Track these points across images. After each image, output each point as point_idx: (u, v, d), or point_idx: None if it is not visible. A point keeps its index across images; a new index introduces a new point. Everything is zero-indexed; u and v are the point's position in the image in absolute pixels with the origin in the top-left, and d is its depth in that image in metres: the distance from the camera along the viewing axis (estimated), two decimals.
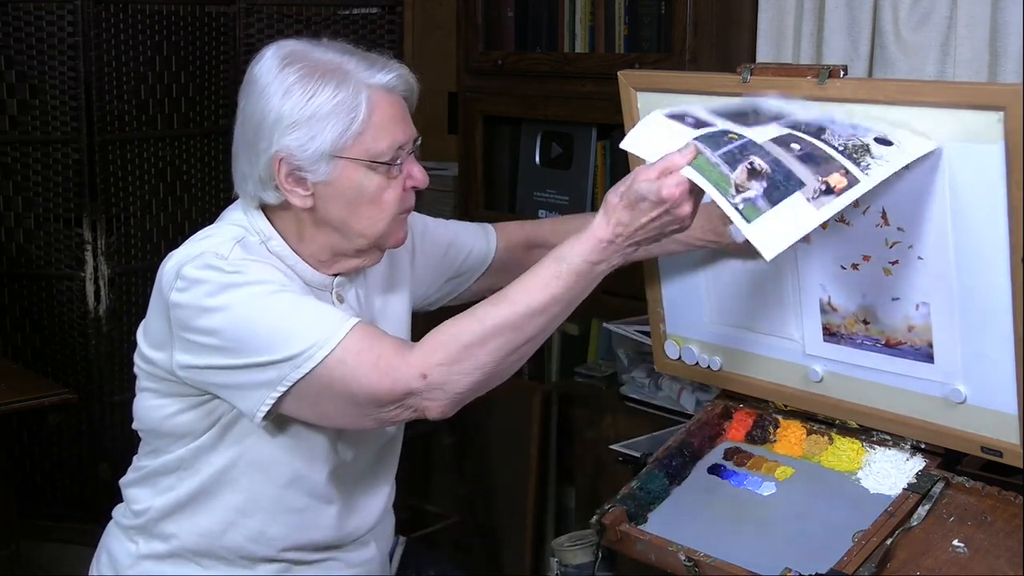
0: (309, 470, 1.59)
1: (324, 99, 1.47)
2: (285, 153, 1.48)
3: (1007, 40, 2.09)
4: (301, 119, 1.47)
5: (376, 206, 1.52)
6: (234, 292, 1.45)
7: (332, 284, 1.59)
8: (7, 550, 2.61)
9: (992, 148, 1.36)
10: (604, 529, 1.61)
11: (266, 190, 1.52)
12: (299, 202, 1.51)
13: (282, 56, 1.50)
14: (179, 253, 1.52)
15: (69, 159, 3.21)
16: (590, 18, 2.66)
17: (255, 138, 1.50)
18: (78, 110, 3.19)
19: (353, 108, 1.48)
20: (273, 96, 1.48)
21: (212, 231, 1.57)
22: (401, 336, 1.69)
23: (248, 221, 1.56)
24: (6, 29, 3.15)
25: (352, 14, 3.55)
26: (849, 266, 1.57)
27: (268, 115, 1.48)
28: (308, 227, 1.55)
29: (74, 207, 3.23)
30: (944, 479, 1.51)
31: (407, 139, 1.54)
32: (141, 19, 3.24)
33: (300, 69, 1.48)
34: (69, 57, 3.16)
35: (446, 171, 3.27)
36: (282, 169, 1.49)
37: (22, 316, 3.32)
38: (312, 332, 1.42)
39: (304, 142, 1.47)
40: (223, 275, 1.46)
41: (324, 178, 1.49)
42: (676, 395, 2.25)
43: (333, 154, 1.48)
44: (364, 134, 1.49)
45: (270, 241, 1.55)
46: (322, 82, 1.47)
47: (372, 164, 1.50)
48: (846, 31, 2.28)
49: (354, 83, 1.48)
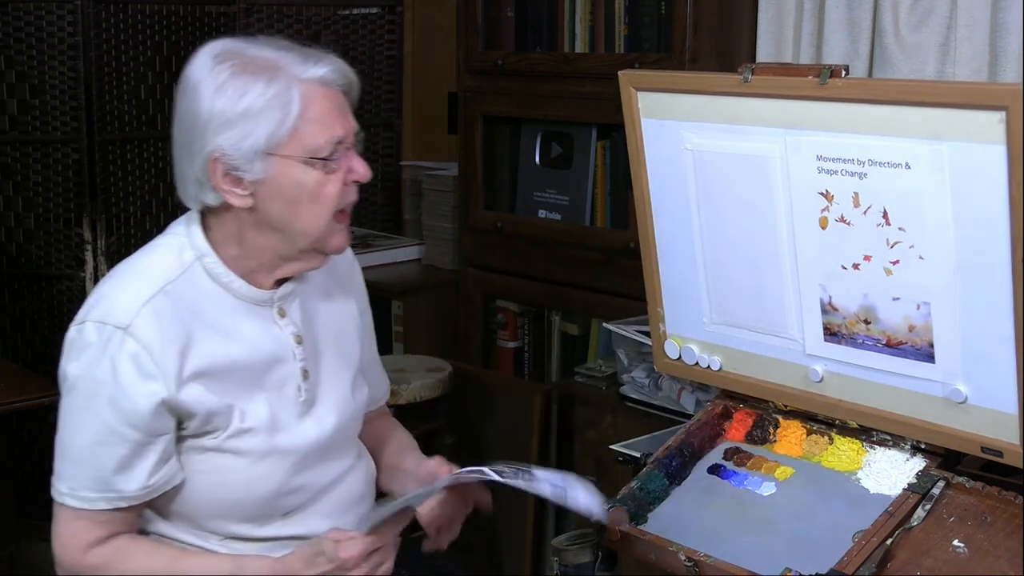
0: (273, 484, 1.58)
1: (256, 95, 1.44)
2: (219, 153, 1.46)
3: (1007, 40, 2.09)
4: (233, 117, 1.44)
5: (316, 202, 1.50)
6: (72, 391, 1.50)
7: (273, 298, 1.57)
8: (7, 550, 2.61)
9: (993, 148, 1.36)
10: (604, 529, 1.61)
11: (204, 192, 1.50)
12: (238, 202, 1.49)
13: (215, 54, 1.48)
14: (100, 292, 1.52)
15: (69, 159, 3.22)
16: (590, 18, 2.66)
17: (190, 139, 1.48)
18: (78, 110, 3.19)
19: (286, 103, 1.45)
20: (205, 94, 1.46)
21: (149, 258, 1.55)
22: (353, 345, 1.70)
23: (187, 236, 1.55)
24: (6, 29, 3.15)
25: (352, 14, 3.56)
26: (850, 266, 1.57)
27: (201, 114, 1.46)
28: (249, 229, 1.52)
29: (74, 207, 3.23)
30: (944, 479, 1.51)
31: (346, 133, 1.50)
32: (141, 19, 3.24)
33: (232, 66, 1.46)
34: (69, 57, 3.16)
35: (446, 171, 3.27)
36: (218, 169, 1.47)
37: (22, 316, 3.32)
38: (68, 473, 1.50)
39: (237, 140, 1.45)
40: (79, 362, 1.48)
41: (261, 176, 1.47)
42: (676, 395, 2.25)
43: (268, 151, 1.46)
44: (299, 129, 1.46)
45: (204, 258, 1.53)
46: (254, 78, 1.45)
47: (309, 160, 1.47)
48: (846, 31, 2.28)
49: (286, 78, 1.46)
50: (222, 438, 1.52)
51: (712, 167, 1.69)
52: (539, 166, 2.87)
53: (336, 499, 1.65)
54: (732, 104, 1.63)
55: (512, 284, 2.88)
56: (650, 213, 1.80)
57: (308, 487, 1.61)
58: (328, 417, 1.62)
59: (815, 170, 1.56)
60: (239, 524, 1.57)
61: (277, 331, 1.58)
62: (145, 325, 1.46)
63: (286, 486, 1.58)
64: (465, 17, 2.88)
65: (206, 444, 1.53)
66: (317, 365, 1.62)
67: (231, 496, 1.55)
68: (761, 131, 1.60)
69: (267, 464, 1.55)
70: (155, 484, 1.50)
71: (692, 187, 1.72)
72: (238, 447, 1.53)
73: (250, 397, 1.54)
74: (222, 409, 1.52)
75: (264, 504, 1.57)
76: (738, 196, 1.67)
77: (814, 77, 1.52)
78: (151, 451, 1.49)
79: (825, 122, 1.53)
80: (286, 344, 1.58)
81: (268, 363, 1.56)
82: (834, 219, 1.56)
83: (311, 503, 1.62)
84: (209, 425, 1.52)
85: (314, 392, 1.61)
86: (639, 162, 1.77)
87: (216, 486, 1.54)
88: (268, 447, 1.55)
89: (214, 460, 1.53)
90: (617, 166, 2.69)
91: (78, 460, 1.50)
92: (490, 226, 2.91)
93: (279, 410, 1.57)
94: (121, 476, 1.49)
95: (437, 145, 3.59)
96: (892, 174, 1.48)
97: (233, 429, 1.52)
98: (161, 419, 1.49)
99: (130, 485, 1.49)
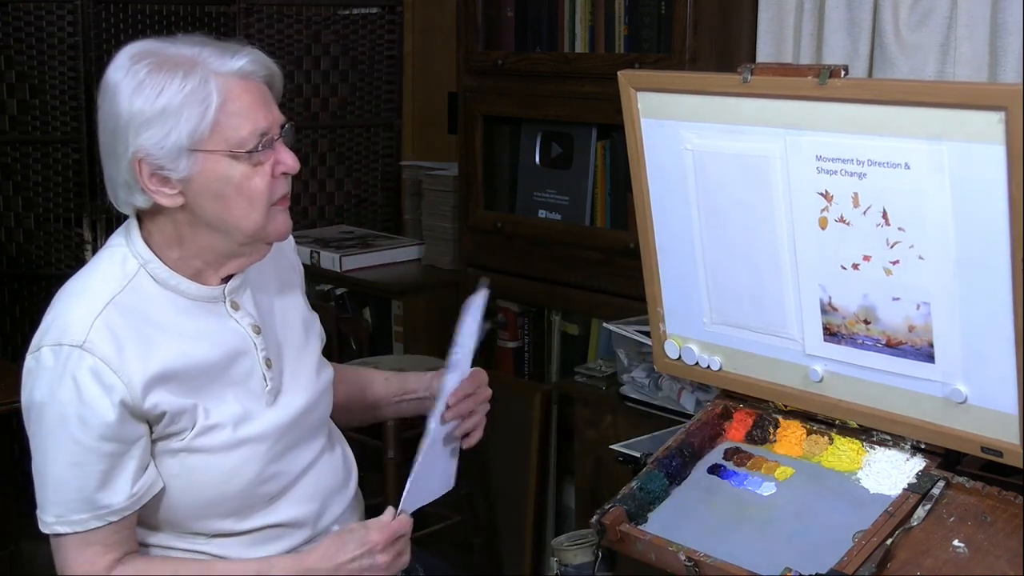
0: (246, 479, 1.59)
1: (173, 92, 1.43)
2: (143, 153, 1.45)
3: (1007, 40, 2.09)
4: (153, 116, 1.43)
5: (245, 196, 1.48)
6: (39, 420, 1.51)
7: (223, 294, 1.57)
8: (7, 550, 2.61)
9: (993, 148, 1.36)
10: (604, 529, 1.61)
11: (134, 194, 1.49)
12: (168, 202, 1.48)
13: (132, 55, 1.47)
14: (47, 319, 1.53)
15: (69, 159, 3.22)
16: (590, 18, 2.66)
17: (113, 142, 1.47)
18: (78, 110, 3.19)
19: (204, 97, 1.44)
20: (123, 95, 1.45)
21: (92, 275, 1.54)
22: (311, 329, 1.71)
23: (127, 245, 1.54)
24: (6, 29, 3.15)
25: (352, 14, 3.56)
26: (850, 266, 1.57)
27: (121, 116, 1.45)
28: (185, 228, 1.51)
29: (74, 207, 3.23)
30: (944, 479, 1.51)
31: (269, 125, 1.49)
32: (141, 19, 3.24)
33: (148, 65, 1.45)
34: (69, 57, 3.16)
35: (446, 171, 3.27)
36: (143, 170, 1.46)
37: (22, 316, 3.32)
38: (51, 502, 1.51)
39: (159, 139, 1.44)
40: (41, 389, 1.49)
41: (187, 174, 1.46)
42: (676, 395, 2.25)
43: (192, 148, 1.45)
44: (221, 123, 1.45)
45: (148, 265, 1.52)
46: (170, 75, 1.44)
47: (234, 153, 1.46)
48: (846, 31, 2.28)
49: (203, 72, 1.45)
50: (189, 438, 1.52)
51: (712, 167, 1.69)
52: (539, 166, 2.87)
53: (314, 483, 1.66)
54: (732, 104, 1.63)
55: (512, 284, 2.89)
56: (650, 213, 1.80)
57: (285, 473, 1.61)
58: (295, 401, 1.62)
59: (815, 170, 1.56)
60: (223, 520, 1.57)
61: (234, 325, 1.57)
62: (100, 339, 1.46)
63: (263, 474, 1.58)
64: (465, 17, 2.88)
65: (173, 446, 1.52)
66: (279, 353, 1.63)
67: (209, 493, 1.55)
68: (761, 131, 1.60)
69: (238, 456, 1.55)
70: (139, 492, 1.50)
71: (692, 187, 1.72)
72: (205, 445, 1.53)
73: (215, 394, 1.54)
74: (187, 409, 1.51)
75: (244, 495, 1.57)
76: (738, 196, 1.67)
77: (814, 77, 1.52)
78: (129, 460, 1.49)
79: (825, 122, 1.53)
80: (245, 336, 1.58)
81: (230, 358, 1.56)
82: (834, 219, 1.56)
83: (290, 489, 1.62)
84: (175, 426, 1.51)
85: (279, 380, 1.61)
86: (639, 162, 1.77)
87: (193, 486, 1.54)
88: (236, 439, 1.55)
89: (185, 461, 1.53)
90: (617, 166, 2.69)
91: (59, 485, 1.50)
92: (490, 226, 2.91)
93: (247, 402, 1.57)
94: (105, 492, 1.48)
95: (437, 145, 3.59)
96: (892, 174, 1.48)
97: (199, 428, 1.52)
98: (131, 427, 1.48)
99: (116, 498, 1.49)
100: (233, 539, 1.59)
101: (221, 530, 1.58)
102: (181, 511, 1.55)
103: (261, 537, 1.60)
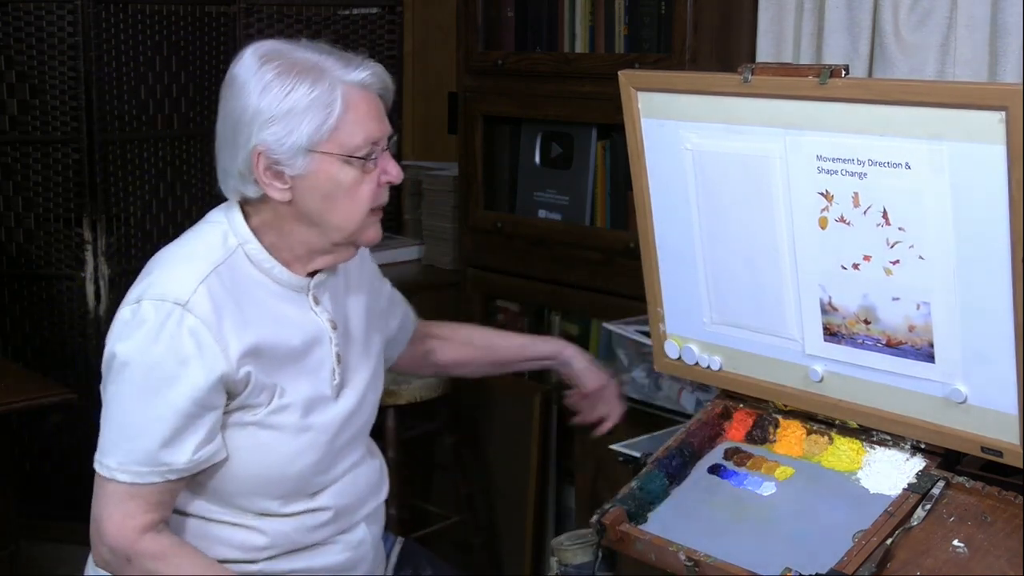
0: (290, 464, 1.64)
1: (301, 95, 1.52)
2: (263, 147, 1.53)
3: (1007, 40, 2.09)
4: (278, 114, 1.52)
5: (351, 199, 1.57)
6: (125, 370, 1.53)
7: (308, 286, 1.65)
8: (7, 550, 2.61)
9: (993, 148, 1.36)
10: (604, 529, 1.61)
11: (246, 184, 1.57)
12: (277, 195, 1.56)
13: (261, 55, 1.56)
14: (150, 274, 1.57)
15: (69, 159, 3.22)
16: (590, 18, 2.66)
17: (234, 134, 1.55)
18: (78, 110, 3.19)
19: (328, 104, 1.53)
20: (252, 93, 1.53)
21: (195, 242, 1.62)
22: (374, 333, 1.79)
23: (228, 223, 1.62)
24: (6, 29, 3.15)
25: (352, 14, 3.56)
26: (850, 266, 1.57)
27: (247, 111, 1.53)
28: (287, 221, 1.60)
29: (74, 207, 3.23)
30: (944, 479, 1.51)
31: (382, 135, 1.58)
32: (141, 19, 3.24)
33: (278, 67, 1.53)
34: (69, 57, 3.16)
35: (446, 171, 3.27)
36: (260, 163, 1.54)
37: (22, 316, 3.32)
38: (119, 448, 1.54)
39: (281, 136, 1.52)
40: (133, 340, 1.52)
41: (301, 171, 1.54)
42: (676, 395, 2.25)
43: (310, 148, 1.53)
44: (339, 129, 1.54)
45: (247, 245, 1.60)
46: (299, 79, 1.53)
47: (347, 158, 1.55)
48: (846, 31, 2.28)
49: (330, 80, 1.53)
50: (263, 414, 1.59)
51: (712, 167, 1.69)
52: (539, 166, 2.87)
53: (353, 482, 1.73)
54: (732, 104, 1.63)
55: (512, 284, 2.89)
56: (650, 213, 1.80)
57: (335, 467, 1.69)
58: (352, 400, 1.70)
59: (815, 170, 1.56)
60: (270, 501, 1.63)
61: (314, 316, 1.65)
62: (203, 301, 1.53)
63: (321, 463, 1.65)
64: (465, 17, 2.88)
65: (247, 419, 1.59)
66: (348, 351, 1.70)
67: (271, 472, 1.61)
68: (761, 131, 1.60)
69: (305, 440, 1.62)
70: (200, 458, 1.55)
71: (692, 187, 1.72)
72: (277, 422, 1.60)
73: (292, 377, 1.62)
74: (267, 386, 1.59)
75: (299, 480, 1.64)
76: (738, 196, 1.67)
77: (814, 77, 1.52)
78: (201, 426, 1.54)
79: (825, 122, 1.53)
80: (323, 329, 1.66)
81: (308, 345, 1.64)
82: (834, 219, 1.56)
83: (335, 483, 1.70)
84: (255, 399, 1.58)
85: (345, 375, 1.69)
86: (639, 162, 1.77)
87: (256, 462, 1.60)
88: (304, 424, 1.62)
89: (255, 435, 1.59)
90: (617, 166, 2.69)
91: (130, 436, 1.54)
92: (490, 226, 2.91)
93: (318, 389, 1.65)
94: (169, 449, 1.53)
95: (437, 145, 3.59)
96: (892, 174, 1.48)
97: (274, 405, 1.59)
98: (217, 394, 1.54)
99: (179, 458, 1.54)
100: (273, 519, 1.64)
101: (265, 510, 1.64)
102: (237, 484, 1.61)
103: (302, 519, 1.66)
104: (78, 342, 3.29)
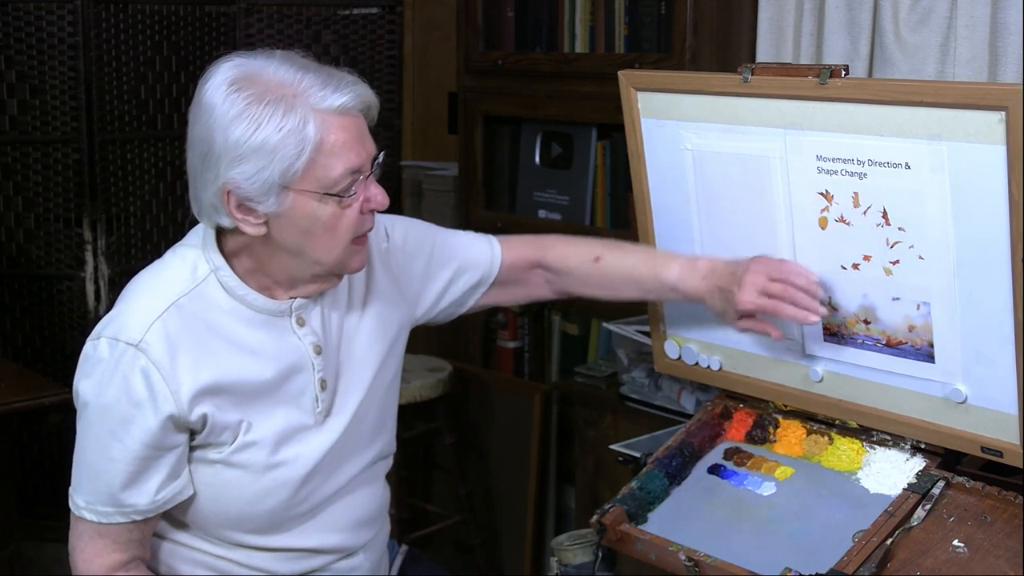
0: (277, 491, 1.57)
1: (271, 130, 1.40)
2: (233, 185, 1.43)
3: (1007, 40, 2.08)
4: (248, 151, 1.41)
5: (331, 233, 1.47)
6: (86, 410, 1.51)
7: (290, 308, 1.54)
8: (7, 550, 2.60)
9: (993, 148, 1.36)
10: (604, 529, 1.61)
11: (219, 215, 1.48)
12: (252, 230, 1.46)
13: (231, 80, 1.43)
14: (116, 307, 1.52)
15: (69, 159, 3.21)
16: (590, 18, 2.66)
17: (203, 166, 1.45)
18: (78, 110, 3.18)
19: (301, 139, 1.41)
20: (219, 124, 1.42)
21: (164, 271, 1.54)
22: (372, 354, 1.64)
23: (202, 248, 1.53)
24: (6, 29, 3.15)
25: (352, 14, 3.55)
26: (850, 266, 1.57)
27: (214, 144, 1.42)
28: (263, 250, 1.50)
29: (74, 207, 3.23)
30: (944, 479, 1.51)
31: (362, 162, 1.46)
32: (141, 19, 3.24)
33: (248, 96, 1.41)
34: (69, 57, 3.16)
35: (446, 171, 3.27)
36: (231, 200, 1.44)
37: (22, 316, 3.32)
38: (84, 488, 1.52)
39: (251, 175, 1.41)
40: (91, 379, 1.50)
41: (275, 209, 1.44)
42: (676, 395, 2.25)
43: (283, 185, 1.43)
44: (315, 162, 1.42)
45: (219, 272, 1.51)
46: (270, 109, 1.41)
47: (324, 194, 1.44)
48: (846, 31, 2.28)
49: (302, 109, 1.41)
50: (227, 452, 1.52)
51: (712, 167, 1.69)
52: (539, 166, 2.87)
53: (345, 510, 1.63)
54: (732, 104, 1.63)
55: None
56: (650, 213, 1.80)
57: (312, 497, 1.59)
58: (342, 422, 1.60)
59: (815, 170, 1.56)
60: (247, 535, 1.57)
61: (296, 341, 1.55)
62: (157, 341, 1.46)
63: (294, 499, 1.56)
64: (465, 17, 2.88)
65: (211, 456, 1.52)
66: (335, 375, 1.60)
67: (239, 509, 1.55)
68: (761, 131, 1.60)
69: (273, 478, 1.54)
70: (162, 499, 1.51)
71: (692, 187, 1.72)
72: (242, 461, 1.52)
73: (263, 411, 1.53)
74: (230, 424, 1.51)
75: (273, 516, 1.56)
76: (738, 196, 1.67)
77: (814, 77, 1.52)
78: (163, 466, 1.49)
79: (825, 122, 1.53)
80: (304, 354, 1.55)
81: (285, 375, 1.54)
82: (834, 219, 1.56)
83: (318, 512, 1.60)
84: (216, 438, 1.51)
85: (330, 402, 1.59)
86: (639, 162, 1.77)
87: (222, 499, 1.54)
88: (273, 462, 1.54)
89: (220, 474, 1.53)
90: (617, 166, 2.69)
91: (92, 476, 1.51)
92: (490, 226, 2.89)
93: (296, 419, 1.55)
94: (131, 491, 1.49)
95: (437, 145, 3.58)
96: (892, 174, 1.48)
97: (238, 443, 1.52)
98: (171, 434, 1.49)
99: (141, 500, 1.50)
100: (261, 553, 1.59)
101: (245, 543, 1.58)
102: (210, 519, 1.56)
103: (289, 557, 1.60)
104: (78, 342, 3.26)
